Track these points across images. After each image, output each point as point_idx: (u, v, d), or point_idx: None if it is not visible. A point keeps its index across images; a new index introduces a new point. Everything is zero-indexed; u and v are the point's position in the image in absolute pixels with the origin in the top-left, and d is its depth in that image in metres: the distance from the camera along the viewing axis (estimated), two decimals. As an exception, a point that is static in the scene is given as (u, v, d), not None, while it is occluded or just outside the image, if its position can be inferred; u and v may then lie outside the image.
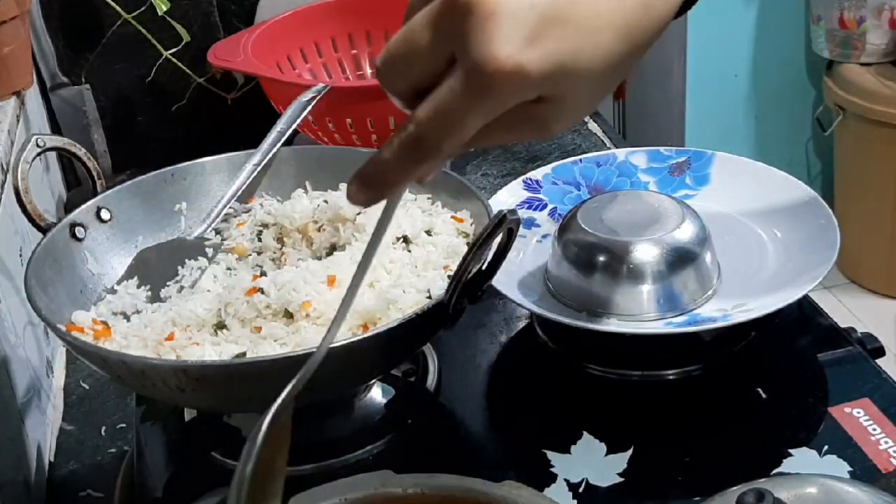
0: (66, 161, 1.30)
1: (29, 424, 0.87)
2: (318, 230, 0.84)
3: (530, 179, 0.97)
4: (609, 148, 1.25)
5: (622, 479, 0.73)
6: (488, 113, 0.44)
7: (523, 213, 0.94)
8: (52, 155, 1.24)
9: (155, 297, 0.81)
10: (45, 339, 1.00)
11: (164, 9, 1.22)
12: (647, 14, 0.47)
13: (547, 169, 0.98)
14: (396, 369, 0.83)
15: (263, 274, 0.81)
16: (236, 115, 1.34)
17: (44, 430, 0.91)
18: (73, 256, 0.80)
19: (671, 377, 0.84)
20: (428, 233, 0.81)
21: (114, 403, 0.94)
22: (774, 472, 0.72)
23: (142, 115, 1.36)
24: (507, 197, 0.95)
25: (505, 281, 0.82)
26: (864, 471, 0.72)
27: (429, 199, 0.85)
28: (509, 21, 0.42)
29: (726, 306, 0.82)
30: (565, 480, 0.73)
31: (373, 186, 0.47)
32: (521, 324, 0.91)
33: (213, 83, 1.33)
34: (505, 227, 0.66)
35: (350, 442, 0.77)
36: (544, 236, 0.92)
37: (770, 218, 0.91)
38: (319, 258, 0.82)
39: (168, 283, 0.82)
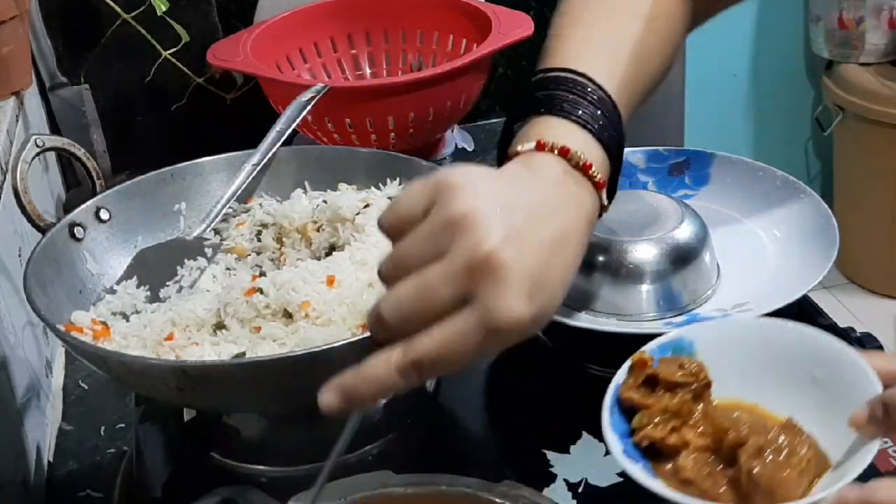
0: (66, 161, 1.29)
1: (28, 424, 0.87)
2: (318, 230, 0.84)
3: (530, 179, 0.97)
4: (608, 148, 1.25)
5: (622, 479, 0.73)
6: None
7: (523, 213, 0.93)
8: (52, 155, 1.24)
9: (154, 297, 0.81)
10: (45, 339, 0.99)
11: (164, 9, 1.22)
12: (580, 258, 0.58)
13: (546, 169, 0.98)
14: (396, 369, 0.83)
15: (263, 274, 0.81)
16: (236, 115, 1.34)
17: (43, 431, 0.91)
18: (72, 256, 0.80)
19: (671, 377, 0.83)
20: (427, 233, 0.80)
21: (113, 403, 0.94)
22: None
23: (141, 115, 1.35)
24: (507, 197, 0.95)
25: (504, 281, 0.82)
26: (864, 470, 0.71)
27: (428, 199, 0.84)
28: (517, 283, 0.52)
29: (726, 306, 0.82)
30: (565, 480, 0.73)
31: (352, 398, 0.54)
32: (521, 324, 0.91)
33: (213, 83, 1.33)
34: (504, 227, 0.66)
35: (350, 442, 0.77)
36: (544, 236, 0.92)
37: (770, 218, 0.91)
38: (319, 258, 0.82)
39: (167, 283, 0.82)
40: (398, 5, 1.27)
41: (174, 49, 1.28)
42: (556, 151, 0.59)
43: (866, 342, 0.85)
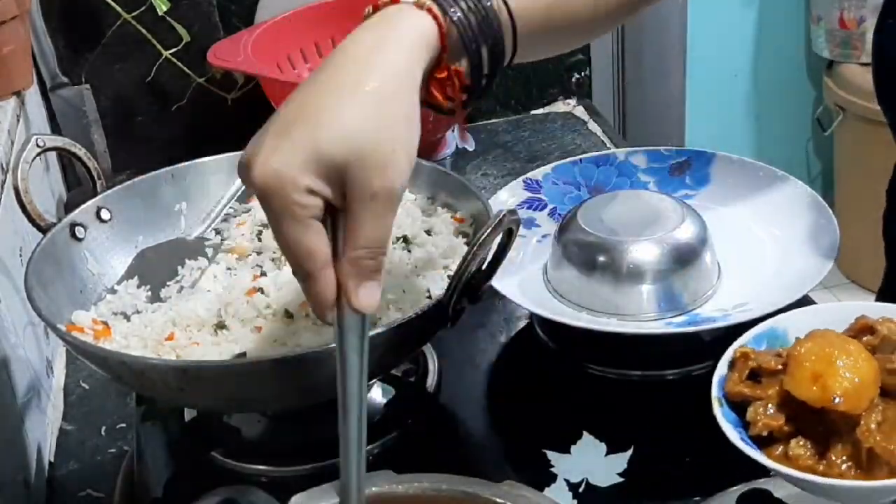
0: (66, 161, 1.30)
1: (29, 424, 0.87)
2: (318, 230, 0.84)
3: (530, 179, 0.97)
4: (609, 148, 1.26)
5: (622, 479, 0.73)
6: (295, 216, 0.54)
7: (523, 213, 0.94)
8: (52, 155, 1.24)
9: (155, 297, 0.81)
10: (45, 339, 1.00)
11: (164, 9, 1.22)
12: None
13: (547, 169, 0.98)
14: (396, 369, 0.83)
15: (263, 274, 0.81)
16: (236, 115, 1.34)
17: (44, 430, 0.91)
18: (73, 256, 0.80)
19: (671, 377, 0.84)
20: (428, 233, 0.81)
21: (114, 403, 0.94)
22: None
23: (142, 115, 1.36)
24: (507, 197, 0.95)
25: (505, 281, 0.82)
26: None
27: (429, 199, 0.85)
28: (259, 139, 0.59)
29: (726, 306, 0.82)
30: (565, 480, 0.73)
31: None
32: (521, 324, 0.91)
33: (213, 83, 1.33)
34: (505, 227, 0.66)
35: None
36: (544, 236, 0.92)
37: (770, 218, 0.91)
38: (319, 258, 0.82)
39: (168, 283, 0.82)
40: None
41: (175, 49, 1.28)
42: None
43: (866, 342, 0.85)
